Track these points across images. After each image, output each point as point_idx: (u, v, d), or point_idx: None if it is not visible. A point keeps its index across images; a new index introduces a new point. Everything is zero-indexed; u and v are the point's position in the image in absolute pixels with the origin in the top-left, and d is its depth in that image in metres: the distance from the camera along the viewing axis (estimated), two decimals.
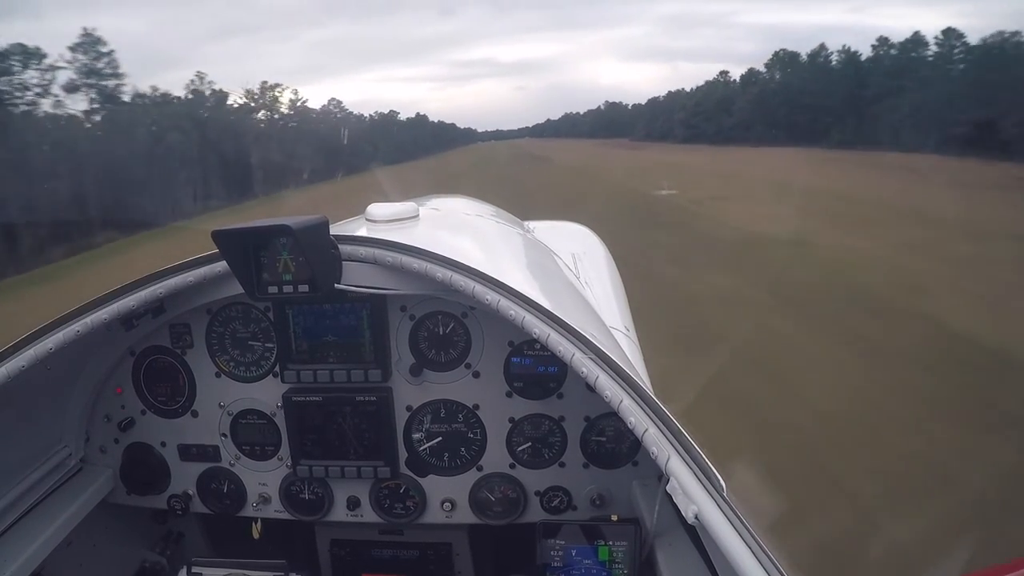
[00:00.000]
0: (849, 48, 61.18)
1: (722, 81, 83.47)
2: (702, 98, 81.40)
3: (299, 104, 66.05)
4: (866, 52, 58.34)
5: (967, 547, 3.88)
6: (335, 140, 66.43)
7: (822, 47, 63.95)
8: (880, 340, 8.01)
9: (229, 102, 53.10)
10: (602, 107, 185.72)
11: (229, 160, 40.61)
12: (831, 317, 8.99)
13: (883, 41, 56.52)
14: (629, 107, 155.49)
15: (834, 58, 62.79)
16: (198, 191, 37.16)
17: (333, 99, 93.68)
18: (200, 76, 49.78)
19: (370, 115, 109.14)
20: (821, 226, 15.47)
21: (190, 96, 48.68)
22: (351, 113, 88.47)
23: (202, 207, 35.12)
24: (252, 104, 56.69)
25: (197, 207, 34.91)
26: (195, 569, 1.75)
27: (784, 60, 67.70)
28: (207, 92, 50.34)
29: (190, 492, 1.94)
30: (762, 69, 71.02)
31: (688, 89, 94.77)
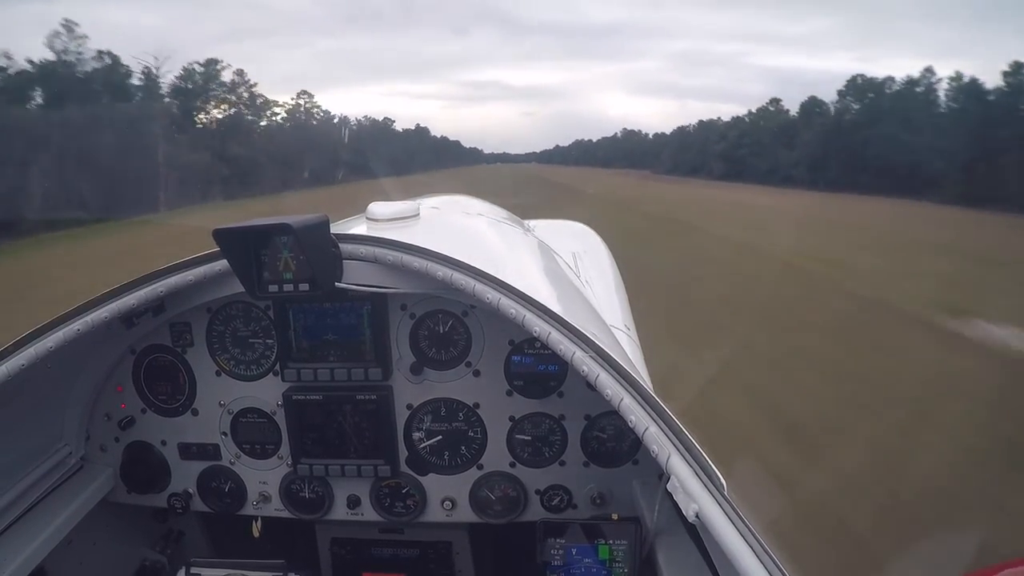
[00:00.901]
0: (962, 75, 45.37)
1: (773, 110, 68.54)
2: (749, 128, 68.11)
3: (246, 87, 49.73)
4: (992, 80, 42.54)
5: (967, 546, 3.87)
6: (302, 144, 54.21)
7: (928, 71, 47.70)
8: None
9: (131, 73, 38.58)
10: (619, 135, 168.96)
11: (108, 160, 27.97)
12: None
13: (1017, 68, 40.03)
14: (650, 136, 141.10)
15: (942, 88, 46.57)
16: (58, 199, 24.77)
17: (304, 91, 73.07)
18: (69, 26, 34.19)
19: (358, 119, 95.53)
20: None
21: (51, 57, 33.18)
22: (328, 112, 75.23)
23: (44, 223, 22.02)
24: (157, 80, 40.77)
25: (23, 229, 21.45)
26: (194, 570, 1.75)
27: (862, 88, 52.82)
28: (85, 55, 35.08)
29: (190, 491, 1.94)
30: (826, 99, 56.75)
31: (726, 119, 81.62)
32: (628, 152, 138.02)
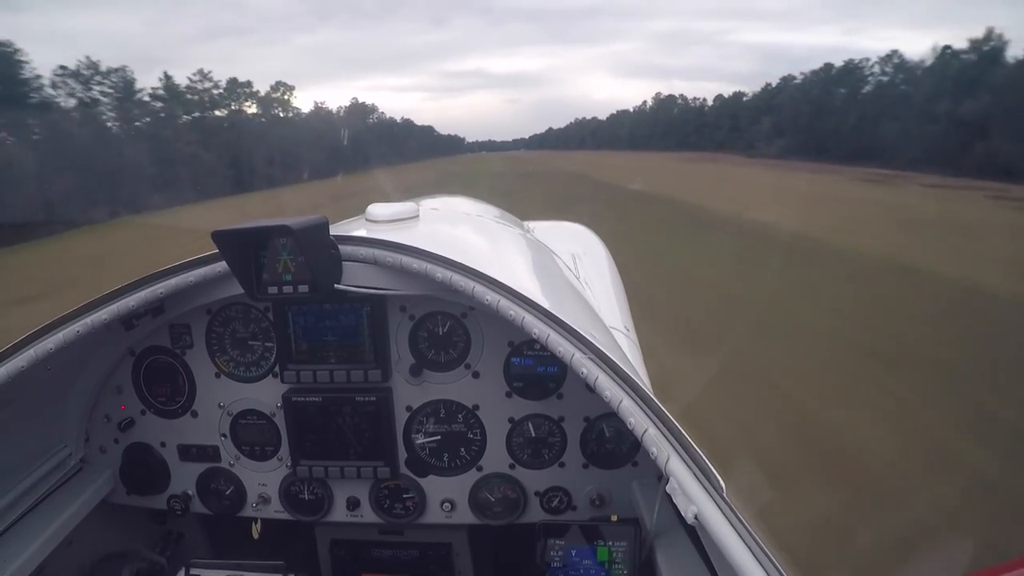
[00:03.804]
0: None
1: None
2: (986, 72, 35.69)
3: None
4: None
5: (968, 546, 3.87)
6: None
7: None
8: None
9: None
10: (649, 105, 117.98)
11: None
12: None
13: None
14: (708, 104, 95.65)
15: None
16: None
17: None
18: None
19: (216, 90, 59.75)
20: None
21: None
22: (200, 74, 54.80)
23: None
24: None
25: None
26: (193, 571, 1.75)
27: None
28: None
29: (190, 492, 1.94)
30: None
31: (878, 58, 51.43)
32: (667, 129, 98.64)
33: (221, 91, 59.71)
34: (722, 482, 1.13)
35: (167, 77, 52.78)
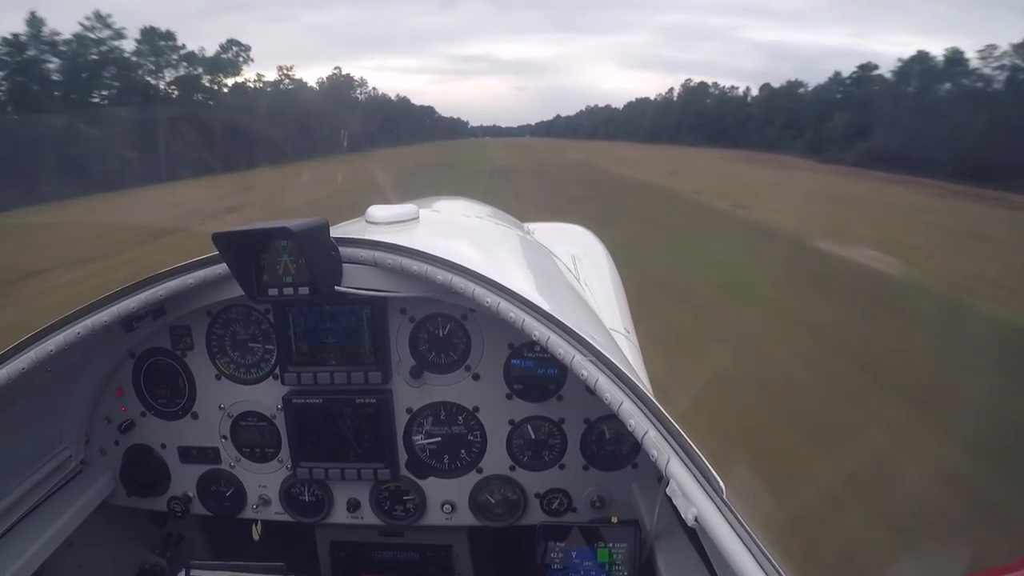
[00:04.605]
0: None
1: None
2: None
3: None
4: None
5: (967, 547, 3.88)
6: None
7: None
8: None
9: None
10: (677, 92, 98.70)
11: None
12: None
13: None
14: (754, 94, 77.68)
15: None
16: None
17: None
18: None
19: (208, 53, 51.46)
20: None
21: None
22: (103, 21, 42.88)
23: None
24: None
25: None
26: (193, 572, 1.75)
27: None
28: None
29: (190, 494, 1.94)
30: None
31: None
32: (698, 121, 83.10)
33: (137, 45, 46.99)
34: (722, 484, 1.13)
35: (34, 19, 39.25)
